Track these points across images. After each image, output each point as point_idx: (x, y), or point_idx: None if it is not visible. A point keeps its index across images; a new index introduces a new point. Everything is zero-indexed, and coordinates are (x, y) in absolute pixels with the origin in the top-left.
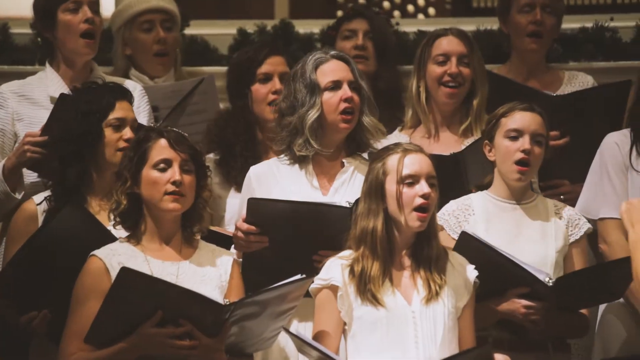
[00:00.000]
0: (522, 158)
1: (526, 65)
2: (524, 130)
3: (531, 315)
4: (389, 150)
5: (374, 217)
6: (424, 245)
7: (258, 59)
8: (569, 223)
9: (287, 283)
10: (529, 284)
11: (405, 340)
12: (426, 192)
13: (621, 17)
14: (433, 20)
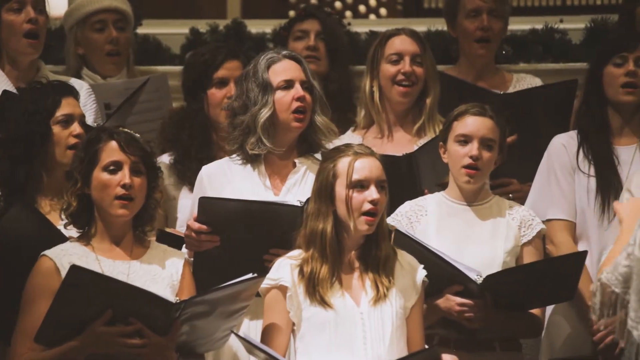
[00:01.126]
0: (470, 164)
1: (475, 67)
2: (473, 135)
3: (465, 313)
4: (340, 151)
5: (323, 219)
6: (372, 247)
7: (215, 63)
8: (522, 224)
9: (238, 282)
10: (461, 282)
11: (354, 341)
12: (375, 198)
13: (571, 19)
14: (384, 20)
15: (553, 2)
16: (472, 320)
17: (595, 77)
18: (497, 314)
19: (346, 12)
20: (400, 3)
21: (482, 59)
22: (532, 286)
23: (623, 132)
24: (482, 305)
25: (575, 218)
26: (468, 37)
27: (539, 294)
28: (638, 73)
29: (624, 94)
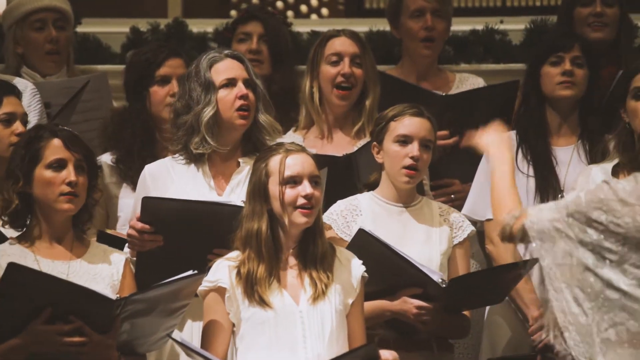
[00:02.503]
0: (411, 164)
1: (418, 68)
2: (413, 136)
3: (422, 316)
4: (271, 150)
5: (258, 219)
6: (309, 243)
7: (157, 61)
8: (453, 225)
9: (179, 279)
10: (422, 285)
11: (294, 340)
12: (309, 193)
13: (511, 20)
14: (326, 20)
15: (493, 3)
16: (427, 324)
17: (533, 76)
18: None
19: (288, 12)
20: (342, 3)
21: (427, 59)
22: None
23: (561, 131)
24: (439, 308)
25: None
26: (412, 37)
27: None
28: (574, 72)
29: (562, 88)
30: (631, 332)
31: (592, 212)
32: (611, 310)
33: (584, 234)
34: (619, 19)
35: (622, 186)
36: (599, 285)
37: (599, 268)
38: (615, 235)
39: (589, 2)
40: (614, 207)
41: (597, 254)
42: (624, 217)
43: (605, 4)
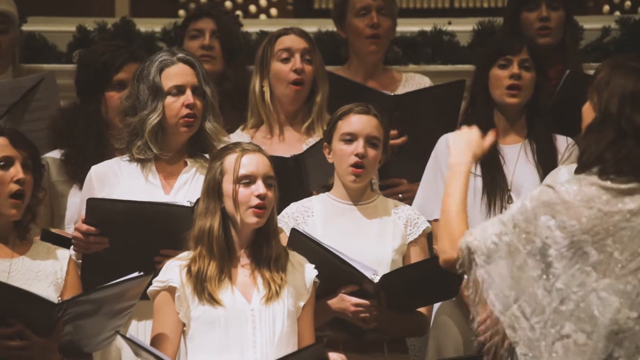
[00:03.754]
0: (356, 162)
1: (365, 67)
2: (358, 133)
3: (360, 313)
4: (228, 149)
5: (211, 217)
6: (263, 244)
7: (115, 65)
8: (408, 222)
9: (124, 281)
10: (357, 282)
11: (244, 339)
12: (262, 193)
13: (458, 22)
14: (275, 20)
15: (441, 5)
16: (366, 321)
17: (481, 79)
18: (390, 314)
19: (236, 11)
20: (291, 3)
21: (374, 56)
22: (423, 284)
23: (509, 132)
24: (377, 305)
25: None
26: (359, 35)
27: (428, 291)
28: (522, 75)
29: (509, 96)
30: (578, 344)
31: (539, 219)
32: (558, 323)
33: (532, 244)
34: (564, 22)
35: (565, 188)
36: (547, 298)
37: (546, 279)
38: (562, 240)
39: (534, 6)
40: (560, 210)
41: (545, 263)
42: (570, 219)
43: (551, 8)
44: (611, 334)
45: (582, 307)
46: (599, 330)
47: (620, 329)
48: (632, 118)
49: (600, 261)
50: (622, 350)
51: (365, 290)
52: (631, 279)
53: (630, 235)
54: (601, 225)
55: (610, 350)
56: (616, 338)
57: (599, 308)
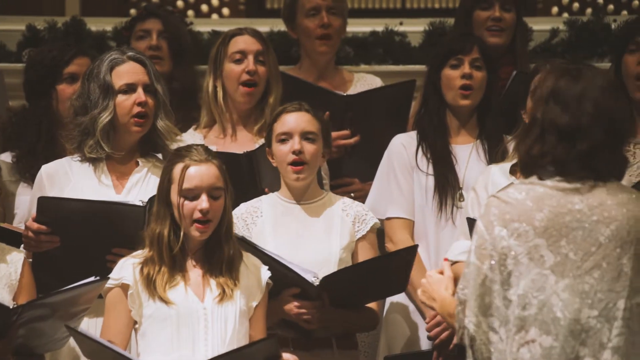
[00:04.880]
0: (294, 159)
1: (317, 67)
2: (292, 131)
3: (303, 315)
4: (178, 156)
5: (161, 222)
6: (215, 249)
7: (65, 59)
8: (356, 219)
9: (80, 285)
10: (299, 284)
11: (195, 338)
12: (204, 208)
13: (410, 22)
14: (227, 20)
15: (393, 5)
16: (310, 322)
17: (432, 79)
18: (334, 312)
19: (188, 11)
20: (243, 3)
21: (325, 57)
22: (367, 282)
23: (460, 131)
24: (319, 306)
25: (414, 216)
26: (309, 35)
27: (373, 288)
28: (473, 75)
29: (462, 97)
30: (544, 347)
31: (492, 232)
32: (523, 329)
33: (490, 258)
34: (515, 23)
35: (512, 195)
36: (510, 308)
37: (507, 289)
38: (517, 247)
39: (487, 6)
40: (511, 218)
41: (505, 274)
42: (523, 224)
43: (504, 9)
44: (574, 333)
45: (544, 310)
46: (563, 331)
47: (583, 329)
48: (550, 115)
49: (557, 263)
50: (587, 349)
51: (308, 292)
52: (588, 278)
53: (583, 235)
54: (554, 227)
55: (577, 350)
56: (580, 337)
57: (561, 309)
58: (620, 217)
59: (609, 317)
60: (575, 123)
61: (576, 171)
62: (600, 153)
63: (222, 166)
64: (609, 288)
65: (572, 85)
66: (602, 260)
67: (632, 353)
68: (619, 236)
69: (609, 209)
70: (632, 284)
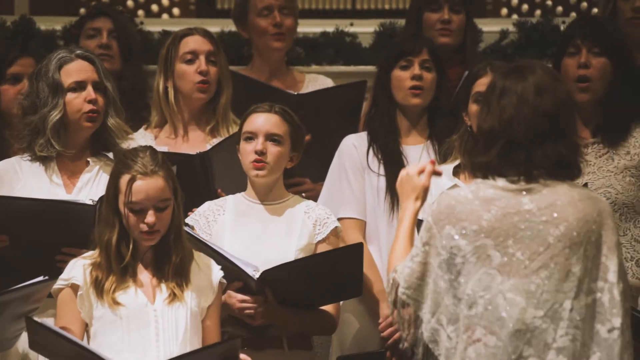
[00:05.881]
0: (256, 158)
1: (269, 67)
2: (258, 131)
3: (245, 310)
4: (126, 166)
5: (109, 228)
6: (164, 253)
7: (8, 59)
8: (317, 222)
9: (29, 285)
10: (241, 278)
11: (146, 339)
12: (150, 222)
13: (360, 23)
14: (177, 20)
15: (343, 6)
16: (253, 317)
17: (383, 80)
18: (282, 311)
19: (138, 11)
20: (193, 3)
21: (278, 54)
22: (315, 281)
23: (411, 132)
24: (262, 301)
25: (366, 217)
26: (262, 34)
27: (324, 289)
28: (423, 76)
29: (412, 96)
30: (489, 346)
31: (442, 230)
32: (470, 328)
33: (439, 257)
34: (464, 25)
35: (463, 194)
36: (458, 306)
37: (456, 288)
38: (465, 246)
39: (437, 8)
40: (460, 217)
41: (453, 273)
42: (471, 224)
43: (453, 11)
44: (519, 333)
45: (490, 309)
46: (507, 331)
47: (528, 328)
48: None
49: (504, 263)
50: (532, 349)
51: (249, 286)
52: (534, 278)
53: (531, 235)
54: (501, 227)
55: (520, 350)
56: (524, 337)
57: (506, 309)
58: (569, 217)
59: (555, 318)
60: (497, 125)
61: (514, 174)
62: (532, 151)
63: (169, 175)
64: (556, 288)
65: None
66: (550, 260)
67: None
68: (568, 237)
69: (558, 209)
70: (580, 284)
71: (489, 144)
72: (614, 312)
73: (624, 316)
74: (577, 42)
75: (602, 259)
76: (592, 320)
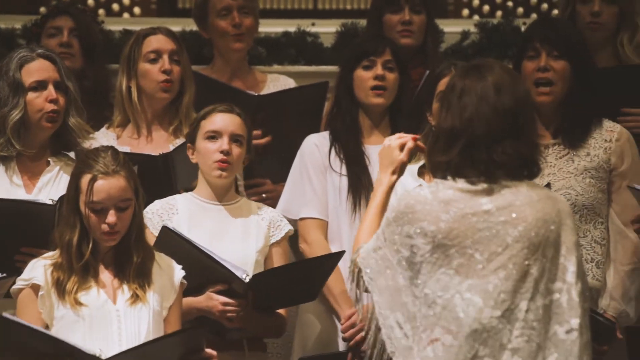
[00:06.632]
0: (221, 158)
1: (230, 67)
2: (223, 131)
3: (228, 313)
4: (87, 166)
5: (70, 229)
6: (124, 253)
7: None
8: (271, 224)
9: None
10: (227, 281)
11: (109, 340)
12: (112, 221)
13: (322, 23)
14: (139, 19)
15: (305, 6)
16: (232, 320)
17: (345, 80)
18: (255, 314)
19: (99, 10)
20: (155, 2)
21: (239, 55)
22: (290, 286)
23: (373, 132)
24: (244, 304)
25: (328, 217)
26: (222, 35)
27: (294, 292)
28: (386, 76)
29: (374, 96)
30: (446, 345)
31: (402, 228)
32: (428, 328)
33: (399, 254)
34: (425, 25)
35: (423, 193)
36: (416, 305)
37: (414, 287)
38: (424, 246)
39: (398, 9)
40: (420, 217)
41: (413, 271)
42: (430, 224)
43: (414, 11)
44: (475, 333)
45: (447, 309)
46: (464, 330)
47: (484, 328)
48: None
49: (462, 263)
50: (487, 349)
51: (234, 289)
52: (492, 278)
53: (489, 235)
54: (459, 228)
55: (476, 349)
56: (480, 337)
57: (463, 309)
58: (528, 218)
59: (511, 319)
60: (458, 123)
61: (474, 174)
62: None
63: (130, 175)
64: (513, 289)
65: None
66: (509, 261)
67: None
68: (527, 237)
69: (517, 210)
70: (537, 285)
71: (449, 143)
72: (572, 313)
73: (582, 317)
74: (537, 46)
75: (561, 259)
76: (550, 321)
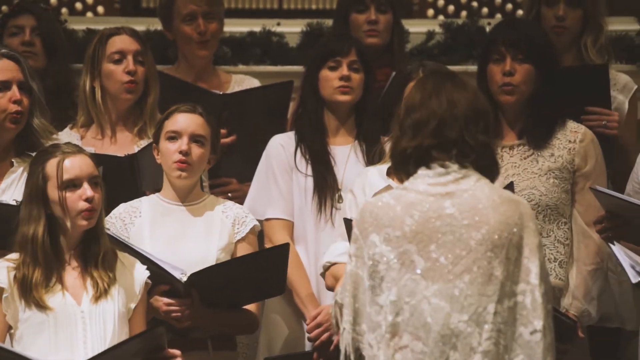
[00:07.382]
0: (180, 159)
1: (194, 68)
2: (182, 131)
3: (172, 313)
4: (48, 153)
5: (35, 223)
6: (90, 243)
7: None
8: (236, 221)
9: None
10: (168, 281)
11: (74, 341)
12: (89, 196)
13: (288, 23)
14: (102, 18)
15: (270, 5)
16: (180, 320)
17: (310, 80)
18: (207, 312)
19: (62, 8)
20: (118, 2)
21: (203, 60)
22: (241, 281)
23: (339, 132)
24: (189, 303)
25: (294, 217)
26: (187, 40)
27: (249, 289)
28: (351, 77)
29: (340, 93)
30: (415, 352)
31: (366, 238)
32: (396, 335)
33: (365, 266)
34: (392, 25)
35: (386, 199)
36: (381, 314)
37: (379, 295)
38: (389, 253)
39: (363, 8)
40: (383, 224)
41: (377, 280)
42: (394, 230)
43: (379, 11)
44: (445, 338)
45: (415, 315)
46: (433, 336)
47: (453, 333)
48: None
49: (428, 268)
50: (458, 354)
51: (177, 289)
52: (458, 282)
53: (453, 239)
54: (424, 232)
55: (447, 355)
56: (450, 342)
57: (431, 314)
58: (491, 220)
59: (479, 322)
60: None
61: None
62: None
63: (92, 158)
64: (479, 292)
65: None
66: (473, 264)
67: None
68: (490, 240)
69: (480, 213)
70: (503, 287)
71: (419, 127)
72: (536, 314)
73: (545, 318)
74: (501, 49)
75: (524, 261)
76: (515, 323)
